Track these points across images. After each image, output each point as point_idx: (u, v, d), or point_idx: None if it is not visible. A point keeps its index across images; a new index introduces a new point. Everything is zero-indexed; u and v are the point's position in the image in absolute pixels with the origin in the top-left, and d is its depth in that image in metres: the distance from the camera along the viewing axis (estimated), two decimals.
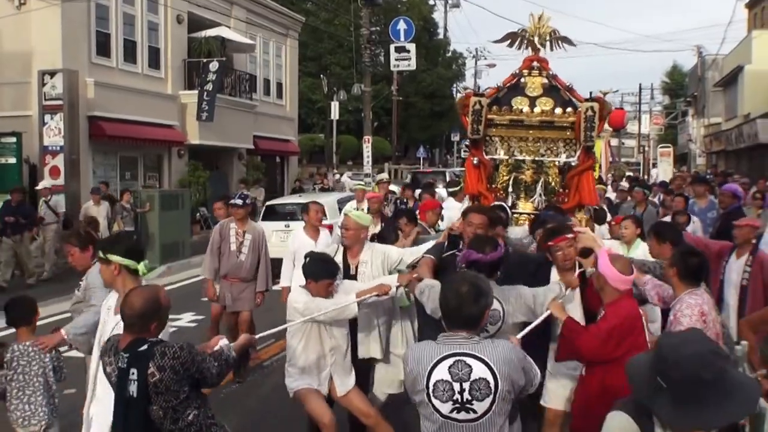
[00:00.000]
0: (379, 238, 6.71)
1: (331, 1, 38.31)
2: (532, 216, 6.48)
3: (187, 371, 3.45)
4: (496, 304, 4.19)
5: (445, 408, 3.20)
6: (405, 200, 12.76)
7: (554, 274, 4.97)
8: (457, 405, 3.18)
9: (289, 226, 12.83)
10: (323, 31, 37.29)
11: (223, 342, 3.90)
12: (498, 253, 4.37)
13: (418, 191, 13.38)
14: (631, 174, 27.61)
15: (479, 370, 3.17)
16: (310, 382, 5.03)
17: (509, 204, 6.84)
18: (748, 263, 6.49)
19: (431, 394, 3.21)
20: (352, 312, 4.94)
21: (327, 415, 4.97)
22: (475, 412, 3.18)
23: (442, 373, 3.19)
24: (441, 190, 15.91)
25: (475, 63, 50.22)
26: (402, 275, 5.20)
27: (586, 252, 4.81)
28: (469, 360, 3.18)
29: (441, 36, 48.00)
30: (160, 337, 3.61)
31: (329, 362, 5.07)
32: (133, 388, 3.39)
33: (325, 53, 39.89)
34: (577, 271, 4.86)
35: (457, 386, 3.17)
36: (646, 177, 35.43)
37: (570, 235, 4.91)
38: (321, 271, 4.93)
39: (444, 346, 3.25)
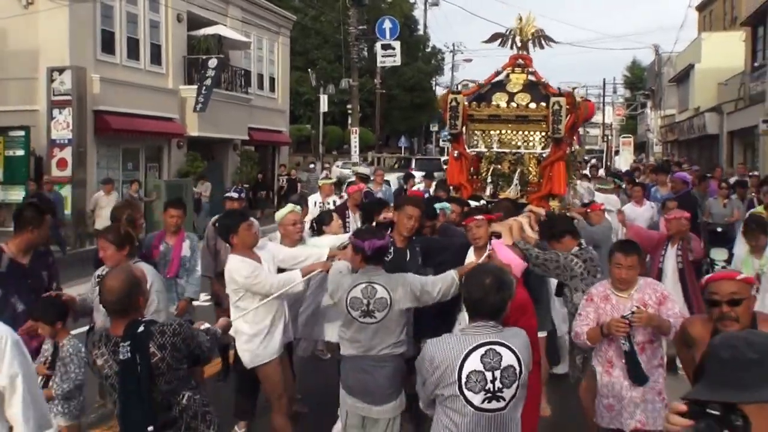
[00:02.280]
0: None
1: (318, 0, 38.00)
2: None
3: (188, 347, 3.24)
4: (382, 291, 4.11)
5: (477, 399, 3.06)
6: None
7: (471, 253, 5.00)
8: (489, 394, 3.06)
9: None
10: (310, 28, 36.91)
11: (205, 325, 3.72)
12: (381, 242, 4.26)
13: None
14: (594, 162, 27.67)
15: (508, 358, 3.08)
16: (275, 348, 4.81)
17: (489, 193, 6.83)
18: (680, 249, 6.83)
19: (464, 386, 3.06)
20: (300, 287, 4.86)
21: (284, 396, 4.90)
22: (504, 399, 3.08)
23: (474, 363, 3.05)
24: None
25: (453, 57, 50.06)
26: (337, 251, 5.00)
27: (498, 236, 4.86)
28: (498, 348, 3.07)
29: (421, 32, 47.65)
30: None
31: (286, 318, 4.94)
32: (141, 373, 3.10)
33: (312, 48, 39.42)
34: (487, 252, 4.70)
35: (489, 375, 3.05)
36: (609, 163, 35.60)
37: (479, 217, 4.97)
38: (233, 220, 4.80)
39: (472, 337, 3.11)
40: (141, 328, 3.13)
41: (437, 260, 4.89)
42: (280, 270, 5.02)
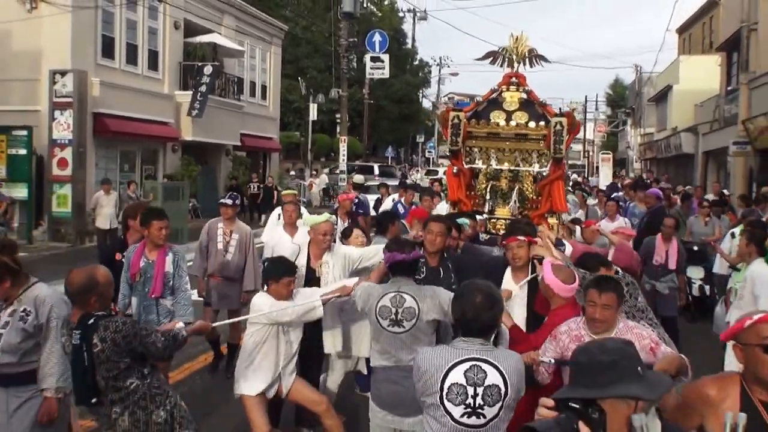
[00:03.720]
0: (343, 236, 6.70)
1: (308, 10, 38.66)
2: (509, 221, 6.41)
3: (129, 344, 3.50)
4: (410, 302, 4.16)
5: (457, 411, 3.09)
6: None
7: (508, 273, 4.95)
8: (469, 409, 3.08)
9: None
10: (301, 37, 37.58)
11: (179, 325, 3.97)
12: (417, 254, 4.36)
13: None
14: (578, 179, 28.42)
15: (493, 377, 3.08)
16: (259, 385, 4.73)
17: (487, 210, 6.86)
18: None
19: (444, 397, 3.10)
20: (318, 313, 4.78)
21: (265, 428, 4.74)
22: (484, 417, 3.08)
23: (457, 376, 3.08)
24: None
25: (439, 71, 50.95)
26: (362, 279, 5.01)
27: (540, 259, 4.78)
28: (484, 366, 3.09)
29: (409, 45, 48.49)
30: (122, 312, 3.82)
31: (281, 366, 4.80)
32: (85, 359, 3.50)
33: (302, 57, 40.10)
34: (529, 276, 4.81)
35: (471, 390, 3.07)
36: (590, 178, 36.40)
37: (521, 237, 4.86)
38: (281, 270, 4.70)
39: (460, 351, 3.14)
40: (91, 321, 3.52)
41: (471, 279, 4.81)
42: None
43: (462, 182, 6.94)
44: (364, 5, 35.97)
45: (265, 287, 4.78)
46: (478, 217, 6.59)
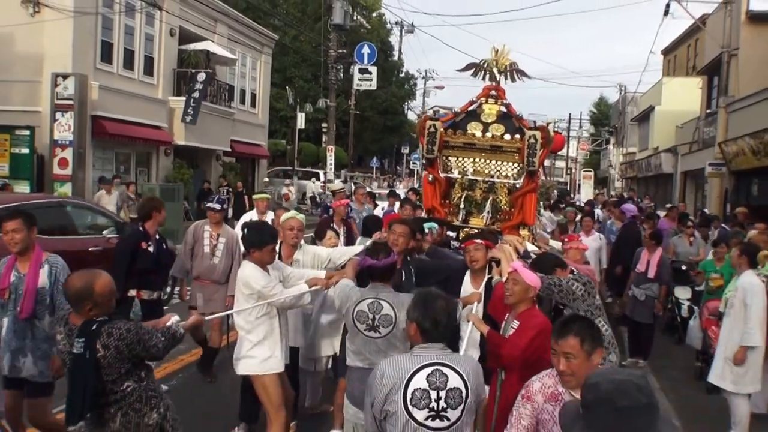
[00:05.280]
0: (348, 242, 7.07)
1: (297, 20, 39.60)
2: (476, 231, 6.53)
3: (132, 351, 3.54)
4: (388, 309, 4.24)
5: (421, 415, 3.19)
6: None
7: (467, 277, 5.18)
8: (433, 413, 3.19)
9: None
10: (289, 46, 38.49)
11: (174, 319, 3.97)
12: (390, 260, 4.42)
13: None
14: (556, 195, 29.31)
15: (454, 380, 3.22)
16: (279, 362, 4.93)
17: (461, 219, 6.97)
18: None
19: (408, 402, 3.19)
20: (306, 299, 4.99)
21: (282, 409, 4.94)
22: (448, 419, 3.21)
23: (420, 381, 3.19)
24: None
25: (425, 83, 51.98)
26: (333, 272, 5.22)
27: (497, 261, 5.03)
28: (445, 370, 3.23)
29: (396, 57, 49.50)
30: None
31: (287, 334, 5.10)
32: (89, 367, 3.49)
33: (289, 66, 40.93)
34: (485, 278, 5.03)
35: (434, 394, 3.19)
36: (572, 196, 37.51)
37: (478, 240, 5.11)
38: (265, 238, 4.82)
39: (421, 357, 3.26)
40: (94, 327, 3.52)
41: (431, 281, 4.85)
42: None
43: (437, 191, 7.03)
44: (354, 18, 36.98)
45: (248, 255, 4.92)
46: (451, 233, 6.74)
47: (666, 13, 23.82)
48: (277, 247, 5.00)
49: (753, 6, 21.53)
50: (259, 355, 4.86)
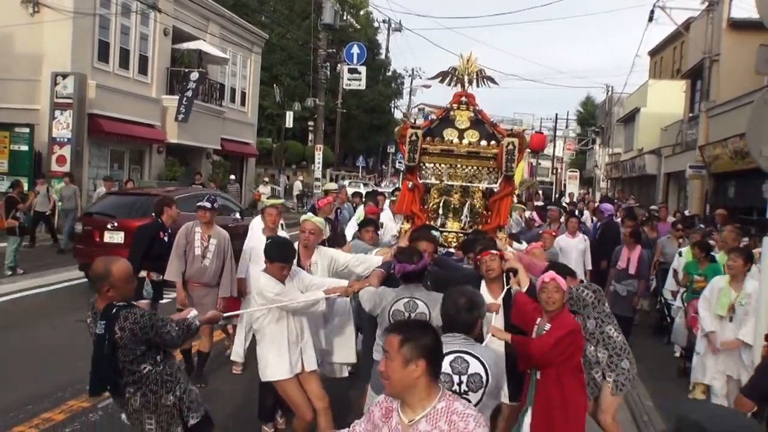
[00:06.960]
0: (328, 241, 7.46)
1: (284, 17, 40.26)
2: (460, 235, 6.88)
3: (145, 335, 3.88)
4: (423, 308, 4.59)
5: None
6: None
7: (484, 286, 5.25)
8: (456, 395, 3.31)
9: None
10: (276, 44, 39.15)
11: (193, 313, 4.33)
12: (425, 262, 4.79)
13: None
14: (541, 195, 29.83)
15: (475, 366, 3.53)
16: (286, 368, 5.07)
17: (439, 224, 7.11)
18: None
19: None
20: (321, 307, 5.18)
21: (309, 412, 5.09)
22: (469, 401, 3.36)
23: (444, 367, 3.38)
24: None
25: (411, 81, 52.36)
26: (355, 282, 5.40)
27: (515, 272, 5.21)
28: (466, 357, 3.54)
29: (383, 56, 50.10)
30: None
31: (303, 339, 5.19)
32: (106, 347, 3.88)
33: (276, 64, 41.40)
34: (504, 288, 5.21)
35: (456, 378, 3.51)
36: (557, 195, 38.31)
37: (494, 251, 5.25)
38: (275, 255, 4.98)
39: (445, 345, 3.33)
40: (113, 311, 3.89)
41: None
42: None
43: (416, 197, 7.18)
44: (343, 17, 37.66)
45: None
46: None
47: (650, 19, 24.90)
48: (287, 270, 5.08)
49: (734, 14, 22.66)
50: (266, 361, 5.13)
